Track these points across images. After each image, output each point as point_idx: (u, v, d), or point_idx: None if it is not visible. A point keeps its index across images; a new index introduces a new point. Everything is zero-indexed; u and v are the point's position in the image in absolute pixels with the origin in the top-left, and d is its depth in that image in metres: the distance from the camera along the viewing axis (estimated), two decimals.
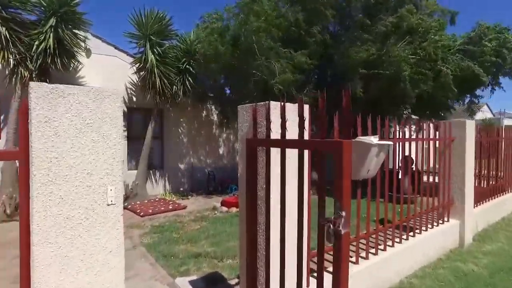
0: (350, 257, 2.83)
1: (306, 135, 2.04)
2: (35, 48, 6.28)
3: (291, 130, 1.99)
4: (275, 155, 2.02)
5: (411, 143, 3.96)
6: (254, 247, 2.23)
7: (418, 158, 4.17)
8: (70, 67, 7.17)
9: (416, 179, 4.04)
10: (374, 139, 2.03)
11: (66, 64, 6.92)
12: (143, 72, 8.26)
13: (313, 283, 2.27)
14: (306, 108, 2.12)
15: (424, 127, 4.14)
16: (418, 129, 4.06)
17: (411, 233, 3.85)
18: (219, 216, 6.52)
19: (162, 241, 4.87)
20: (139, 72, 8.45)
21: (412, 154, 4.09)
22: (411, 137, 3.92)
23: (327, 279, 1.60)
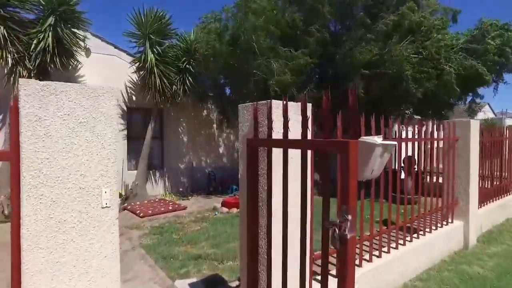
0: None
1: (309, 135, 1.98)
2: (33, 47, 6.22)
3: (294, 130, 1.93)
4: (277, 155, 1.96)
5: (415, 143, 3.88)
6: (255, 250, 2.17)
7: (422, 158, 4.10)
8: (69, 66, 7.12)
9: (420, 180, 3.97)
10: (378, 139, 1.97)
11: (65, 63, 6.88)
12: (142, 71, 8.19)
13: (315, 286, 2.21)
14: (309, 107, 2.05)
15: (429, 126, 4.06)
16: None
17: (415, 234, 3.80)
18: (220, 217, 6.46)
19: (161, 242, 4.81)
20: (139, 72, 8.38)
21: (415, 154, 4.02)
22: (414, 136, 3.85)
23: (331, 283, 1.55)
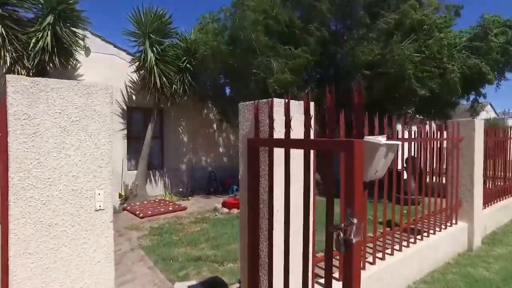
0: None
1: (312, 134, 1.91)
2: (32, 46, 6.16)
3: (295, 129, 1.86)
4: (279, 155, 1.89)
5: (419, 142, 3.82)
6: (256, 252, 2.11)
7: (425, 158, 4.02)
8: (68, 65, 7.06)
9: (423, 180, 3.90)
10: (382, 139, 1.91)
11: (65, 62, 6.82)
12: (142, 71, 8.11)
13: None
14: (312, 106, 1.98)
15: (432, 126, 3.99)
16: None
17: (419, 236, 3.72)
18: (220, 217, 6.39)
19: (161, 243, 4.74)
20: (139, 71, 8.31)
21: (417, 154, 3.95)
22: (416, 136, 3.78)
23: (334, 286, 1.50)
